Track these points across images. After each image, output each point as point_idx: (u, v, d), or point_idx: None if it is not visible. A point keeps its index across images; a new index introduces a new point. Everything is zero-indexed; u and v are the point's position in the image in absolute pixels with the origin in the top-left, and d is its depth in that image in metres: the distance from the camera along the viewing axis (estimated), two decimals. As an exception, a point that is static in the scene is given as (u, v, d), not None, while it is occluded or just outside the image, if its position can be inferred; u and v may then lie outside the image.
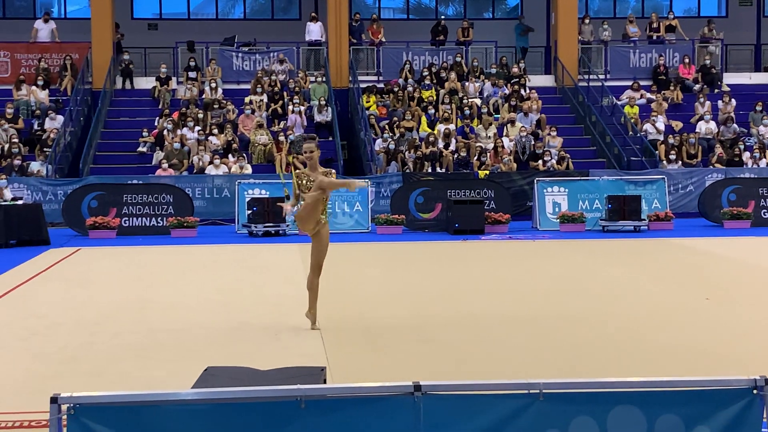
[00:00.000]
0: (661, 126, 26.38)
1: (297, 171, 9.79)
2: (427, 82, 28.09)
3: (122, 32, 29.75)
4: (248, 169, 23.86)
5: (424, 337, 9.74)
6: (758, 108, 27.21)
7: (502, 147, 24.90)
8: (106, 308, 11.62)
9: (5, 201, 19.73)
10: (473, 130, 25.91)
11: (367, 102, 27.14)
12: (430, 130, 25.73)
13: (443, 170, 24.28)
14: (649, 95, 28.27)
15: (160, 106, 27.22)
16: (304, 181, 9.65)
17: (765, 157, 25.25)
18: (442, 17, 32.00)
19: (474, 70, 28.92)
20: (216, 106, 26.62)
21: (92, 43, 28.27)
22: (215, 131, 25.35)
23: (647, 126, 26.35)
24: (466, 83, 28.26)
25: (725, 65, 30.67)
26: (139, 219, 21.28)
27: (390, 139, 24.85)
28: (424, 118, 26.43)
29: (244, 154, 24.48)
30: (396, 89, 27.63)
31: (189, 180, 23.21)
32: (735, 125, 26.56)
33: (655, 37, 30.16)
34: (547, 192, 22.15)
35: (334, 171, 9.88)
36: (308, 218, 9.56)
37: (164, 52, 29.87)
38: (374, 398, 4.52)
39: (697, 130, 26.40)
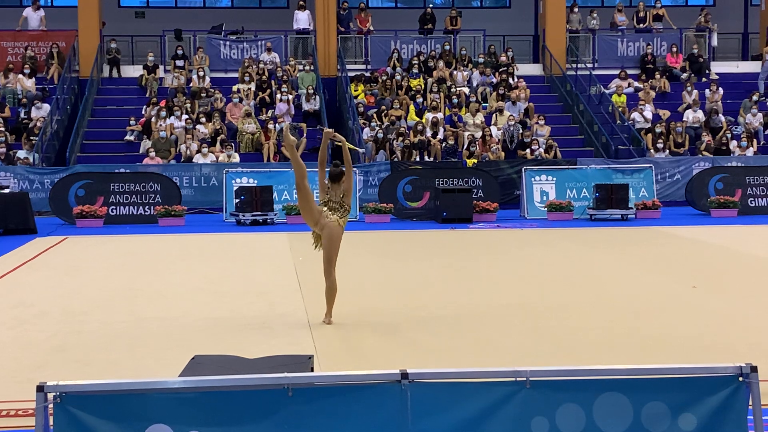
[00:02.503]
0: (648, 115, 26.41)
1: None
2: (415, 70, 28.06)
3: (104, 20, 29.56)
4: (236, 158, 23.81)
5: (412, 325, 9.75)
6: (754, 98, 27.14)
7: (490, 136, 24.90)
8: (93, 297, 11.60)
9: (-8, 190, 19.65)
10: (461, 119, 25.91)
11: (355, 91, 27.11)
12: (418, 119, 25.71)
13: (431, 159, 24.28)
14: (636, 84, 28.31)
15: (147, 95, 27.13)
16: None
17: (752, 146, 25.32)
18: (430, 6, 31.89)
19: (462, 58, 28.91)
20: (203, 95, 26.54)
21: (79, 31, 28.13)
22: (203, 120, 25.28)
23: (635, 115, 26.38)
24: (455, 72, 28.24)
25: (713, 54, 30.72)
26: (127, 208, 21.22)
27: (378, 128, 24.82)
28: (412, 107, 26.41)
29: (232, 143, 24.42)
30: (384, 78, 27.60)
31: (176, 169, 23.14)
32: (721, 116, 26.54)
33: (642, 26, 30.18)
34: (535, 181, 22.17)
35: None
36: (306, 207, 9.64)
37: (151, 40, 29.75)
38: (362, 386, 4.53)
39: (684, 118, 26.44)
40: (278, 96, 26.39)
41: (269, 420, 4.44)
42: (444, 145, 24.61)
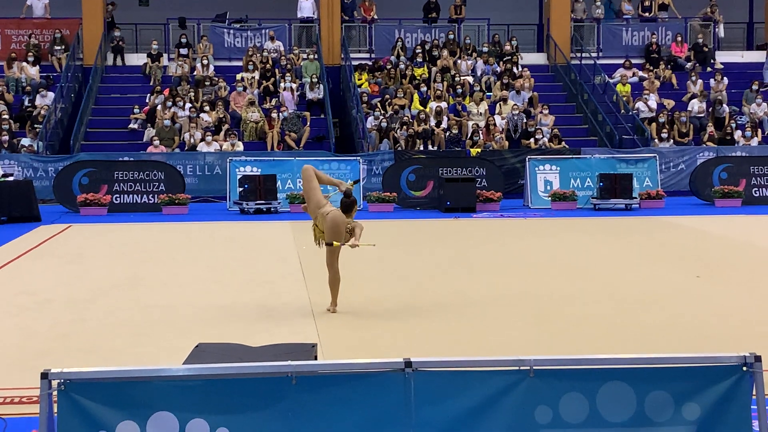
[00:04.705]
0: (653, 104, 26.36)
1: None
2: (419, 59, 28.01)
3: (114, 3, 29.47)
4: (240, 147, 23.80)
5: (416, 314, 9.75)
6: (754, 87, 27.13)
7: (494, 125, 24.87)
8: (97, 285, 11.61)
9: (-4, 177, 19.67)
10: (465, 108, 25.87)
11: (359, 79, 27.07)
12: (422, 108, 25.68)
13: (435, 148, 24.26)
14: (641, 73, 28.25)
15: (151, 83, 27.10)
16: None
17: (756, 136, 25.28)
18: (435, -6, 31.82)
19: (466, 47, 28.85)
20: (207, 83, 26.52)
21: (83, 19, 28.10)
22: (206, 108, 25.27)
23: (639, 104, 26.34)
24: (459, 61, 28.18)
25: (718, 43, 30.63)
26: (130, 196, 21.23)
27: (382, 117, 24.80)
28: (416, 96, 26.37)
29: (236, 132, 24.41)
30: (388, 67, 27.55)
31: (180, 157, 23.14)
32: (725, 106, 26.48)
33: (647, 15, 30.10)
34: (539, 170, 22.16)
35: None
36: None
37: (155, 28, 29.70)
38: (365, 374, 4.52)
39: (689, 108, 26.39)
40: (282, 85, 26.36)
41: (273, 408, 4.45)
42: (448, 134, 24.59)
